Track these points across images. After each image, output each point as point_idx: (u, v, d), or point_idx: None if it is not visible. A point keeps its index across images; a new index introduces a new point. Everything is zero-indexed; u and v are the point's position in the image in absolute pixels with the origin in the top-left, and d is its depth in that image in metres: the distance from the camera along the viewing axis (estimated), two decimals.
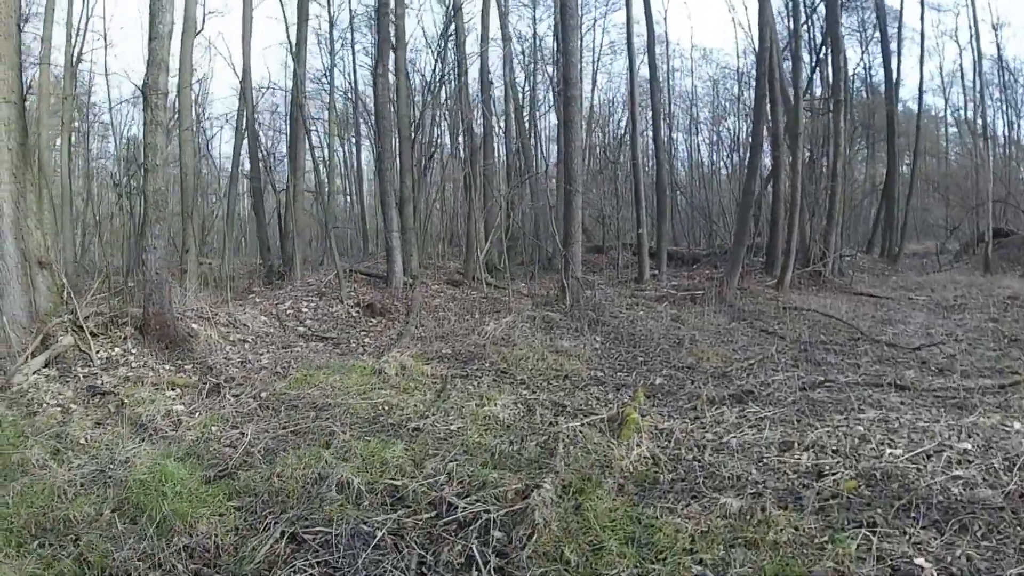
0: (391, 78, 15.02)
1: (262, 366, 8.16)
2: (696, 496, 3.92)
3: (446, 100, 19.80)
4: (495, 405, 6.10)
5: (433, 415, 5.95)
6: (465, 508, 3.86)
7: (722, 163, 32.62)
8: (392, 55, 15.13)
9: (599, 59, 30.31)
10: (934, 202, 30.95)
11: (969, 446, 4.22)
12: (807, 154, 18.84)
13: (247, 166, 20.29)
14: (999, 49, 30.18)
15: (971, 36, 28.16)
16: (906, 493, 3.65)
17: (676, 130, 32.21)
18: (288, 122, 22.34)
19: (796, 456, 4.35)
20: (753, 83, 17.58)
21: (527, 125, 24.50)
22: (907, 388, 6.21)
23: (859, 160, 28.59)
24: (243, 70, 16.37)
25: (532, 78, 26.29)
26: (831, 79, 19.71)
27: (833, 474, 3.99)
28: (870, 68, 26.74)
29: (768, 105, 16.01)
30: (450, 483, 4.28)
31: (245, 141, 18.96)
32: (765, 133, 16.88)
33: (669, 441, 5.03)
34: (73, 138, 22.50)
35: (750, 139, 19.15)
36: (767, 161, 19.88)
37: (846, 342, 9.39)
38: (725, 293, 13.46)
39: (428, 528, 3.76)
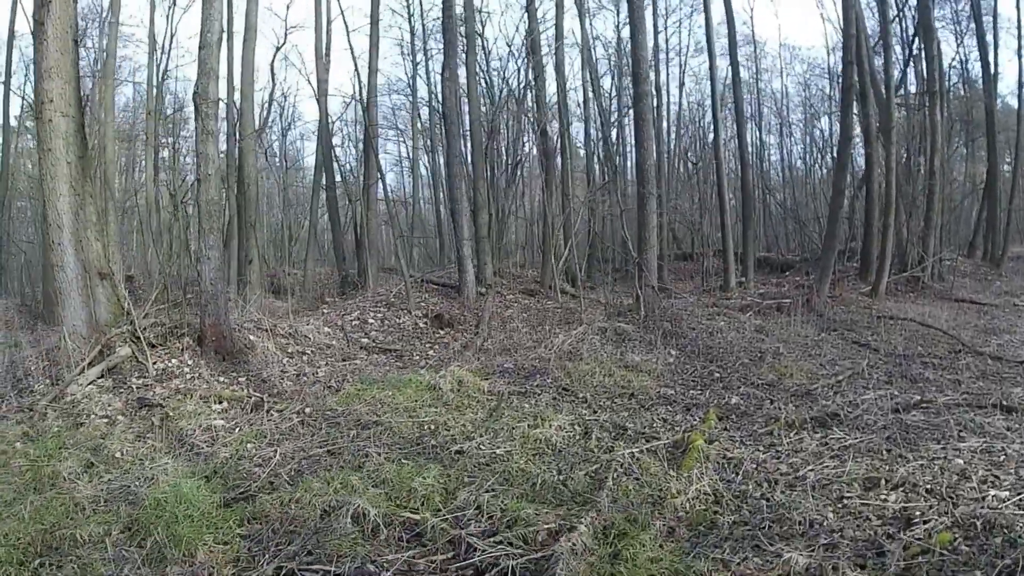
0: (463, 81, 14.65)
1: (317, 379, 7.98)
2: (758, 547, 3.32)
3: (531, 105, 19.30)
4: (549, 426, 5.65)
5: (480, 436, 5.57)
6: (485, 551, 3.42)
7: (816, 165, 30.95)
8: (464, 57, 14.83)
9: (686, 62, 29.28)
10: None
11: None
12: (903, 152, 17.50)
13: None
14: None
15: None
16: (1011, 550, 2.91)
17: (767, 132, 30.87)
18: (364, 131, 22.62)
19: (882, 497, 3.69)
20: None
21: (614, 130, 23.89)
22: (1014, 410, 5.36)
23: (958, 159, 26.57)
24: (317, 81, 16.55)
25: (618, 82, 25.62)
26: (925, 71, 18.46)
27: (924, 522, 3.30)
28: (966, 62, 24.92)
29: (858, 97, 14.89)
30: (478, 518, 3.87)
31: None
32: (856, 128, 15.73)
33: (737, 473, 4.47)
34: (166, 153, 23.42)
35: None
36: (861, 162, 18.69)
37: (946, 355, 8.57)
38: (814, 301, 12.58)
39: (440, 572, 3.36)
